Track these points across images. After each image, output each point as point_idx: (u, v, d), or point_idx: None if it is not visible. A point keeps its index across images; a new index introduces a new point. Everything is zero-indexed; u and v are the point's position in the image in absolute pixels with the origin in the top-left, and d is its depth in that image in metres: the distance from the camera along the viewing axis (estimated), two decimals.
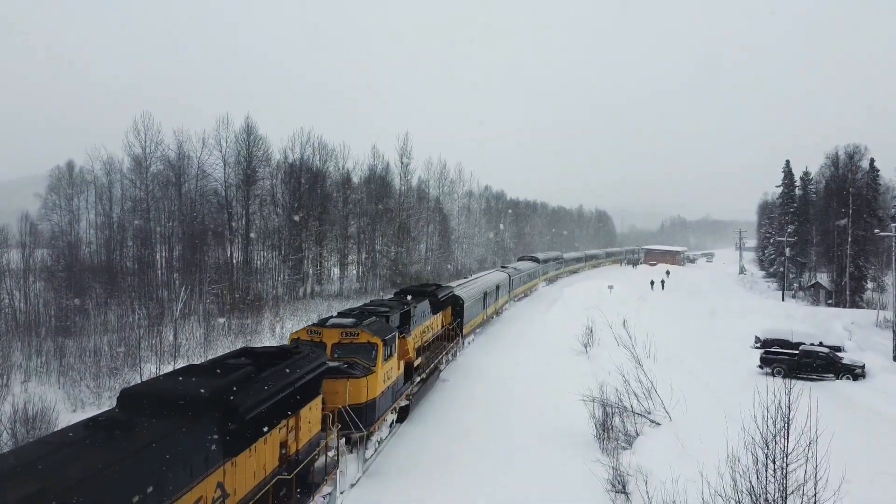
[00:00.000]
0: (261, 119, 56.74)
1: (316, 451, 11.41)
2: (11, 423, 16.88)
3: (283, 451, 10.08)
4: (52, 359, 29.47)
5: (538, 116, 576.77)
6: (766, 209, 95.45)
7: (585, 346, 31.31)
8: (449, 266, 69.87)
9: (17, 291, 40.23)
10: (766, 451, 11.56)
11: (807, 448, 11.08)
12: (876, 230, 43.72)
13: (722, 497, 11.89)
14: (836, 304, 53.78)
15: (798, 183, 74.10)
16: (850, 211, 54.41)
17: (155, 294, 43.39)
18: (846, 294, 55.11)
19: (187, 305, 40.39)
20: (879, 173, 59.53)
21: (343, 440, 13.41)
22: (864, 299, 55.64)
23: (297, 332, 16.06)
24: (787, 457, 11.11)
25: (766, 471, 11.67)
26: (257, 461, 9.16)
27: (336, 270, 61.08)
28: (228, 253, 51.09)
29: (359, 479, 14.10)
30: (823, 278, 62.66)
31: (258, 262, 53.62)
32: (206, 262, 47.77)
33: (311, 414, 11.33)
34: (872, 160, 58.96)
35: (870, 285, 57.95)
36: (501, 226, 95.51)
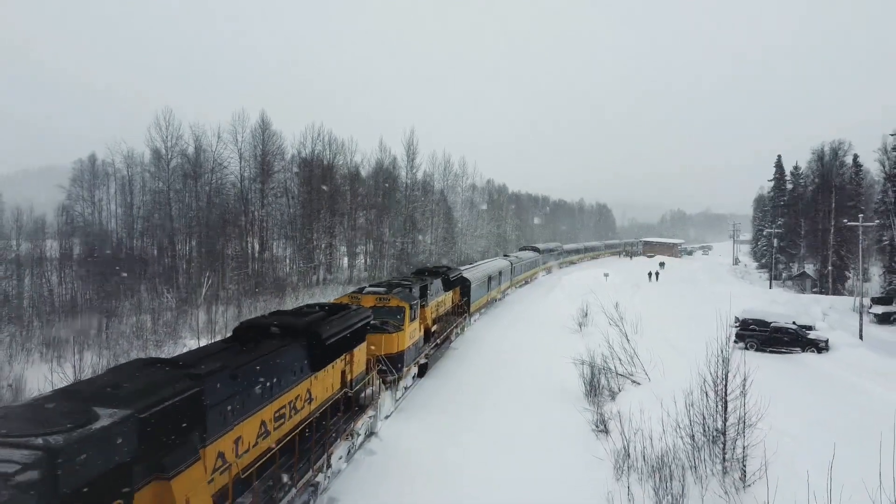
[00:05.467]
0: (272, 115, 59.61)
1: (362, 383, 14.75)
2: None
3: (343, 378, 13.41)
4: (99, 335, 32.95)
5: (542, 112, 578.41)
6: (760, 203, 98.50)
7: (580, 325, 34.55)
8: (453, 257, 72.98)
9: (56, 276, 43.94)
10: (713, 386, 15.01)
11: (742, 384, 14.51)
12: (844, 220, 46.81)
13: (679, 424, 15.29)
14: (821, 292, 57.04)
15: (788, 177, 77.15)
16: (834, 204, 57.53)
17: (177, 281, 46.74)
18: (829, 282, 58.43)
19: (211, 290, 43.77)
20: (863, 168, 62.58)
21: (380, 380, 16.77)
22: (846, 287, 58.91)
23: (339, 297, 19.37)
24: (726, 385, 14.56)
25: (716, 405, 15.10)
26: (328, 380, 12.49)
27: (345, 260, 64.21)
28: (245, 242, 54.30)
29: (392, 412, 17.60)
30: (810, 268, 65.97)
31: (277, 251, 56.78)
32: (225, 251, 50.95)
33: (360, 355, 14.66)
34: (856, 156, 62.00)
35: (852, 274, 61.14)
36: (503, 218, 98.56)
